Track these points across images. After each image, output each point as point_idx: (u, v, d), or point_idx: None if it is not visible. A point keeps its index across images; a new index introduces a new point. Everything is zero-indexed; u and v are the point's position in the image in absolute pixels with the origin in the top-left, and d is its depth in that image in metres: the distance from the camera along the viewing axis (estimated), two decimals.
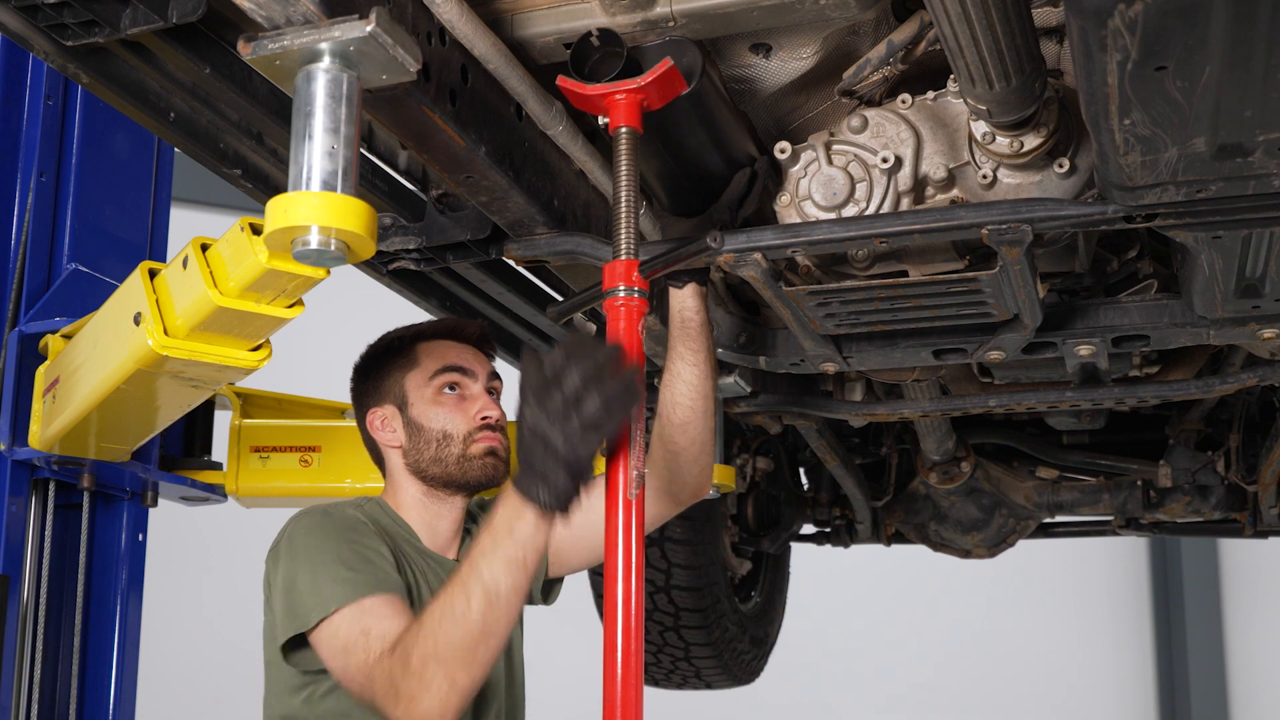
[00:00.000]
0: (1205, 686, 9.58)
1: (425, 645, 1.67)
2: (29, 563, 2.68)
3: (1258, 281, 1.92)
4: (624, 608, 1.57)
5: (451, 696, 1.67)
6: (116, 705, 2.79)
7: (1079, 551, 8.97)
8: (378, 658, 1.75)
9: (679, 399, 2.06)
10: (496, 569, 1.65)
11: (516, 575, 1.65)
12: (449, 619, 1.67)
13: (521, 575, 1.66)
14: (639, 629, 1.57)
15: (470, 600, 1.65)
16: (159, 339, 1.95)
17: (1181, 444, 3.46)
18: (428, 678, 1.67)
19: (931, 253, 1.95)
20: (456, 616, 1.66)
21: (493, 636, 1.67)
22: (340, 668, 1.81)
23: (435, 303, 2.42)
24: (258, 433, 2.97)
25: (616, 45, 1.61)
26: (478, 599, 1.65)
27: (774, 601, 4.25)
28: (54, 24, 1.49)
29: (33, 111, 2.81)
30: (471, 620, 1.65)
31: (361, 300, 5.05)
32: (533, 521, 1.63)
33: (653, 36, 1.66)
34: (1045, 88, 1.61)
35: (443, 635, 1.67)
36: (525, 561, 1.65)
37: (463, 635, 1.66)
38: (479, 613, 1.65)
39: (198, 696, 6.99)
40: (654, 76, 1.62)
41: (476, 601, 1.65)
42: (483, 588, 1.65)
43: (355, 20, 1.34)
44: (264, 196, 1.84)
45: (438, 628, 1.67)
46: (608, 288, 1.68)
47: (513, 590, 1.66)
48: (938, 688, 9.37)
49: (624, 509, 1.60)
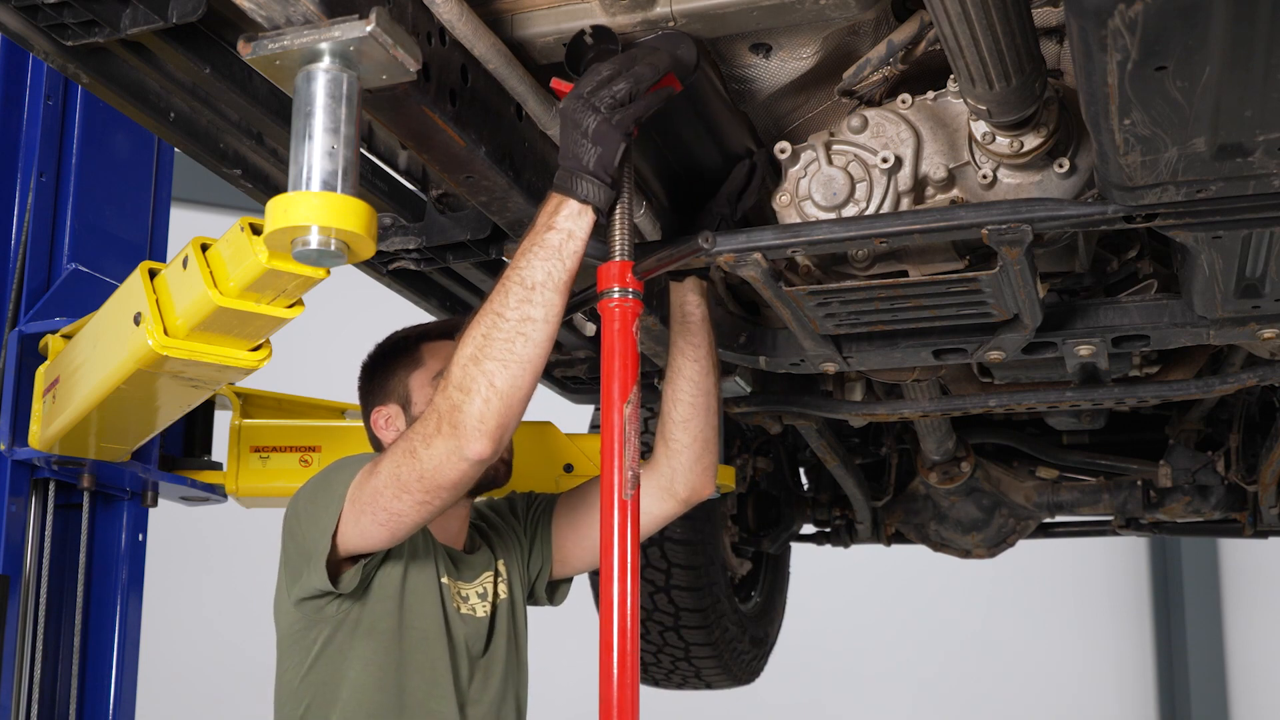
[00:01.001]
0: (1205, 686, 9.58)
1: (464, 350, 1.69)
2: (29, 563, 2.68)
3: (1258, 281, 1.92)
4: (619, 609, 1.57)
5: (492, 399, 1.67)
6: (116, 705, 2.79)
7: (1079, 551, 8.97)
8: (415, 419, 1.84)
9: (681, 395, 2.06)
10: (532, 260, 1.66)
11: (551, 264, 1.66)
12: (486, 316, 1.69)
13: (558, 264, 1.66)
14: (634, 629, 1.58)
15: (507, 295, 1.67)
16: (159, 339, 1.95)
17: (1181, 444, 3.46)
18: (468, 381, 1.68)
19: (931, 253, 1.95)
20: (493, 312, 1.68)
21: (529, 329, 1.66)
22: (392, 478, 1.82)
23: (435, 303, 2.42)
24: (258, 433, 2.97)
25: (611, 42, 1.61)
26: (515, 293, 1.67)
27: (774, 601, 4.24)
28: (54, 24, 1.49)
29: (33, 111, 2.81)
30: (508, 313, 1.66)
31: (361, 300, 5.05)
32: (572, 211, 1.64)
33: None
34: (1045, 88, 1.61)
35: (479, 331, 1.68)
36: (561, 249, 1.65)
37: (498, 329, 1.66)
38: (515, 304, 1.66)
39: (198, 696, 6.98)
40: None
41: (513, 296, 1.67)
42: (519, 281, 1.66)
43: (355, 20, 1.34)
44: (264, 196, 1.84)
45: (476, 328, 1.69)
46: (602, 289, 1.69)
47: (547, 279, 1.66)
48: (938, 688, 9.37)
49: (619, 509, 1.61)
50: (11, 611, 2.61)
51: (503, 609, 2.19)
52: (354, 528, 1.91)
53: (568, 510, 2.31)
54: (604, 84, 1.59)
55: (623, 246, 1.69)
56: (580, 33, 1.62)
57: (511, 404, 1.68)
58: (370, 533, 1.89)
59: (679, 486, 2.13)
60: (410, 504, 1.81)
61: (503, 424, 1.69)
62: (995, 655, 9.53)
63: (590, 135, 1.60)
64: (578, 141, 1.61)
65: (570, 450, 3.03)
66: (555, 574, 2.32)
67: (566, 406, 3.05)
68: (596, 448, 3.06)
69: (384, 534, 1.88)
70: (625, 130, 1.61)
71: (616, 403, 1.65)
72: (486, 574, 2.20)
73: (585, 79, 1.60)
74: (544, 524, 2.31)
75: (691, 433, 2.09)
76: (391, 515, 1.84)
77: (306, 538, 1.98)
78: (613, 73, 1.59)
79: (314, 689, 2.02)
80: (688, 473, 2.12)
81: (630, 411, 1.65)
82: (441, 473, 1.74)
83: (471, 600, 2.15)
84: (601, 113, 1.59)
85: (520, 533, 2.31)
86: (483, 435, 1.68)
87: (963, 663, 9.45)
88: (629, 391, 1.65)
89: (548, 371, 2.78)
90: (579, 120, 1.60)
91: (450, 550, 2.16)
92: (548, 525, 2.31)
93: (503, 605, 2.20)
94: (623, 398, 1.65)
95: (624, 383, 1.66)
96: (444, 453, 1.72)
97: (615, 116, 1.59)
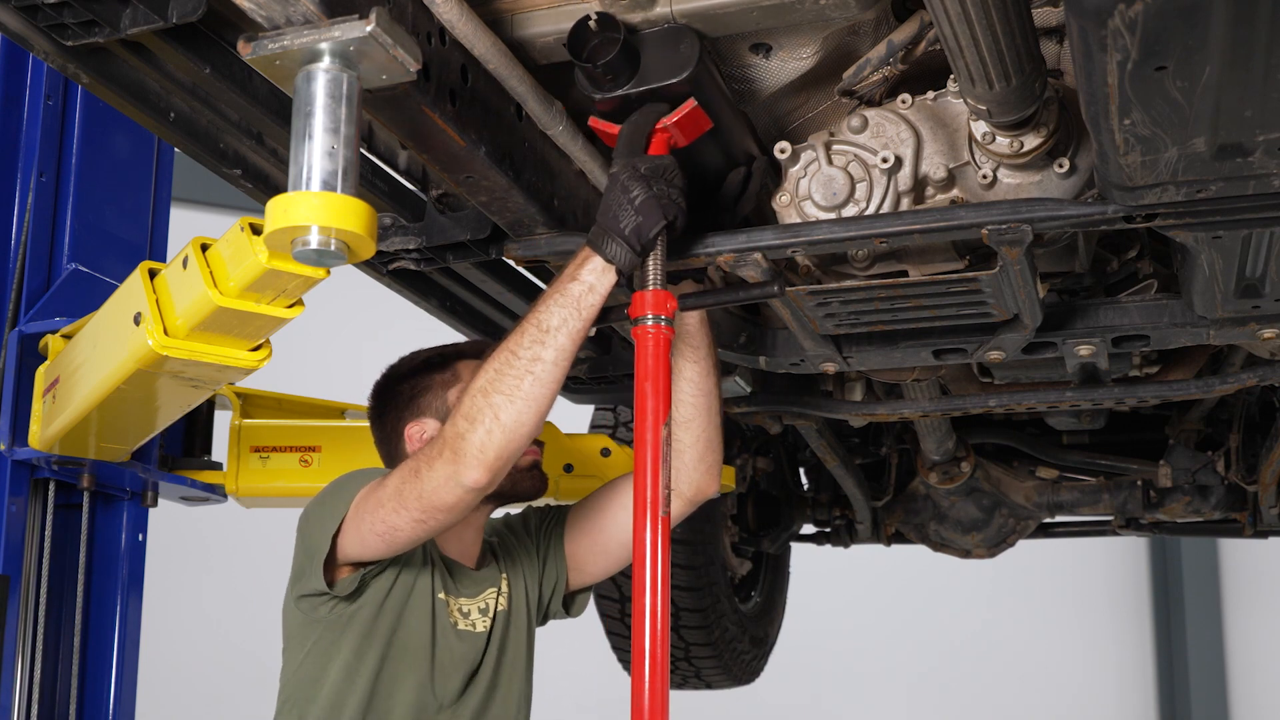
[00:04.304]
0: (1205, 686, 9.58)
1: (477, 382, 1.77)
2: (29, 563, 2.68)
3: (1258, 281, 1.92)
4: (651, 625, 1.62)
5: (495, 430, 1.75)
6: (116, 705, 2.79)
7: (1079, 551, 8.97)
8: (421, 446, 1.89)
9: (682, 397, 2.06)
10: (550, 306, 1.75)
11: (568, 312, 1.74)
12: (502, 353, 1.76)
13: (574, 312, 1.74)
14: (665, 644, 1.63)
15: (522, 335, 1.76)
16: (159, 339, 1.95)
17: (1181, 444, 3.46)
18: (475, 412, 1.76)
19: (931, 253, 1.95)
20: (508, 349, 1.76)
21: (538, 369, 1.74)
22: (395, 492, 1.87)
23: (435, 303, 2.42)
24: (258, 433, 2.97)
25: (614, 30, 1.62)
26: (530, 334, 1.75)
27: (774, 601, 4.24)
28: (54, 24, 1.49)
29: (33, 111, 2.81)
30: (521, 352, 1.74)
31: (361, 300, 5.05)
32: (597, 268, 1.72)
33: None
34: (1045, 88, 1.61)
35: (491, 366, 1.76)
36: (580, 301, 1.73)
37: (510, 365, 1.75)
38: (528, 344, 1.75)
39: (198, 696, 6.98)
40: (680, 115, 1.70)
41: (527, 336, 1.75)
42: (536, 323, 1.75)
43: (355, 20, 1.34)
44: (264, 196, 1.84)
45: (492, 363, 1.77)
46: (636, 315, 1.74)
47: (562, 325, 1.74)
48: (937, 688, 9.37)
49: (652, 528, 1.65)
50: (11, 611, 2.61)
51: (499, 621, 2.19)
52: (354, 535, 1.96)
53: (581, 520, 2.31)
54: (660, 170, 1.68)
55: (657, 275, 1.74)
56: (584, 18, 1.63)
57: (513, 438, 1.76)
58: (368, 542, 1.94)
59: (684, 486, 2.13)
60: (407, 520, 1.87)
61: (502, 456, 1.76)
62: (995, 655, 9.52)
63: (636, 206, 1.67)
64: (621, 205, 1.69)
65: (570, 450, 3.03)
66: (572, 584, 2.33)
67: (566, 407, 3.05)
68: (596, 448, 3.06)
69: (380, 545, 1.94)
70: (669, 214, 1.68)
71: (651, 425, 1.70)
72: (490, 590, 2.21)
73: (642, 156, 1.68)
74: (556, 537, 2.32)
75: (694, 433, 2.10)
76: (389, 528, 1.89)
77: (312, 538, 2.02)
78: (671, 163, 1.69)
79: (300, 685, 2.06)
80: (692, 472, 2.13)
81: (665, 434, 1.70)
82: (439, 495, 1.81)
83: (472, 616, 2.16)
84: (653, 191, 1.67)
85: (533, 549, 2.32)
86: (481, 465, 1.76)
87: (962, 663, 9.45)
88: (665, 415, 1.71)
89: None
90: (629, 187, 1.68)
91: (454, 565, 2.17)
92: (560, 538, 2.32)
93: (500, 617, 2.20)
94: (658, 420, 1.71)
95: (657, 406, 1.71)
96: (443, 477, 1.79)
97: (665, 197, 1.68)
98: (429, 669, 2.08)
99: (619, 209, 1.68)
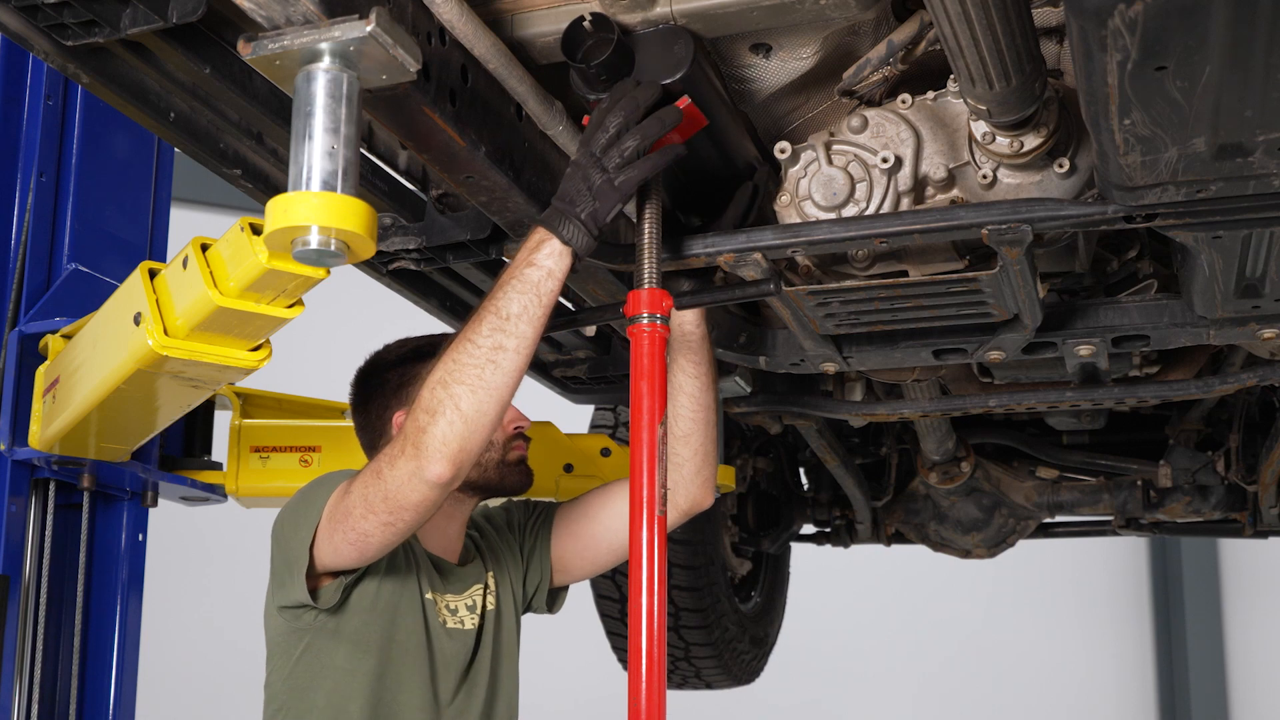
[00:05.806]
0: (1205, 686, 9.58)
1: (434, 375, 1.73)
2: (29, 563, 2.68)
3: (1258, 281, 1.92)
4: (648, 625, 1.62)
5: (456, 421, 1.70)
6: (116, 705, 2.79)
7: (1079, 551, 8.97)
8: (390, 442, 1.81)
9: (681, 411, 2.07)
10: (509, 293, 1.70)
11: (528, 298, 1.70)
12: (458, 344, 1.72)
13: (534, 299, 1.70)
14: (661, 644, 1.62)
15: (481, 324, 1.71)
16: (159, 339, 1.95)
17: (1181, 444, 3.46)
18: (434, 404, 1.71)
19: (931, 253, 1.95)
20: (467, 339, 1.71)
21: (500, 358, 1.70)
22: (361, 498, 1.83)
23: (435, 303, 2.42)
24: (258, 433, 2.97)
25: (608, 30, 1.62)
26: (489, 322, 1.70)
27: (774, 601, 4.25)
28: (54, 24, 1.49)
29: (33, 111, 2.81)
30: (481, 340, 1.70)
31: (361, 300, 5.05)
32: (554, 251, 1.69)
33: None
34: (1045, 88, 1.61)
35: (449, 357, 1.72)
36: (539, 286, 1.69)
37: (469, 355, 1.70)
38: (488, 333, 1.70)
39: (198, 696, 6.98)
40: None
41: (486, 325, 1.70)
42: (494, 311, 1.70)
43: (355, 20, 1.34)
44: (264, 196, 1.84)
45: (450, 354, 1.73)
46: (631, 314, 1.73)
47: (523, 312, 1.69)
48: (938, 688, 9.37)
49: (648, 528, 1.65)
50: (11, 611, 2.61)
51: (489, 621, 2.18)
52: (327, 544, 1.92)
53: (569, 520, 2.30)
54: (613, 142, 1.64)
55: (652, 272, 1.73)
56: (579, 19, 1.62)
57: (475, 429, 1.71)
58: (341, 550, 1.90)
59: (680, 498, 2.13)
60: (376, 524, 1.82)
61: (465, 448, 1.71)
62: (995, 655, 9.52)
63: (593, 191, 1.65)
64: (579, 189, 1.66)
65: (570, 450, 3.03)
66: (555, 583, 2.32)
67: (566, 407, 3.05)
68: (596, 447, 3.06)
69: (353, 553, 1.90)
70: (626, 194, 1.66)
71: (647, 425, 1.70)
72: (476, 586, 2.19)
73: (596, 134, 1.65)
74: (543, 534, 2.31)
75: (692, 446, 2.10)
76: (360, 535, 1.85)
77: (289, 548, 1.98)
78: (620, 126, 1.63)
79: (293, 694, 2.02)
80: (688, 485, 2.13)
81: (661, 434, 1.69)
82: (403, 493, 1.76)
83: (460, 613, 2.15)
84: (608, 173, 1.64)
85: (516, 545, 2.30)
86: (444, 458, 1.70)
87: (962, 663, 9.45)
88: (660, 414, 1.70)
89: (548, 371, 2.78)
90: (586, 174, 1.66)
91: (439, 562, 2.15)
92: (546, 535, 2.30)
93: (490, 617, 2.19)
94: (653, 420, 1.70)
95: (653, 406, 1.70)
96: (406, 474, 1.74)
97: (619, 178, 1.65)
98: (429, 669, 2.06)
99: (576, 192, 1.66)
